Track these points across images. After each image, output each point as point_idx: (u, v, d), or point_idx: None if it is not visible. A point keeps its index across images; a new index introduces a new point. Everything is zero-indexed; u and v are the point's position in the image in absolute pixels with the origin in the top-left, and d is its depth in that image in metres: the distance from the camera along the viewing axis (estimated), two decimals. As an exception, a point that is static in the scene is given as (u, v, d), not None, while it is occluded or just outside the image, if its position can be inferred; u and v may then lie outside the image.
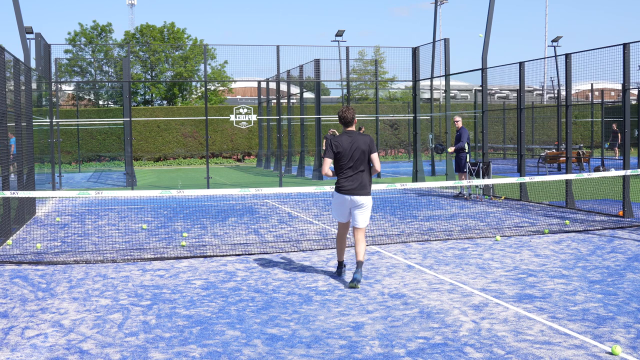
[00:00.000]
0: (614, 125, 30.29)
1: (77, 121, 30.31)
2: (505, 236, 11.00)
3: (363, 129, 25.64)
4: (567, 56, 14.38)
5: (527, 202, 15.73)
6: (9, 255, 9.89)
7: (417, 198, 17.21)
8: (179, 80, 40.39)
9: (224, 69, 41.00)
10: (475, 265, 8.75)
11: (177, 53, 42.05)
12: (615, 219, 12.68)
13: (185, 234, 11.54)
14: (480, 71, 17.41)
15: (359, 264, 7.75)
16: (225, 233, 11.78)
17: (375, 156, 7.83)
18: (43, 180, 17.86)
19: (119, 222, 13.40)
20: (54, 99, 22.26)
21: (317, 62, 23.61)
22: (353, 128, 7.92)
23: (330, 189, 10.44)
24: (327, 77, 30.50)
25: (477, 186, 16.80)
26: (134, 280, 8.19)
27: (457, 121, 17.33)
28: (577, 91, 43.36)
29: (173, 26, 42.58)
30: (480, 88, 17.97)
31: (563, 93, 28.19)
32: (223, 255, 9.66)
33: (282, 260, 9.28)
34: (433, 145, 19.87)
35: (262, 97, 32.16)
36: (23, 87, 13.75)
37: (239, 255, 9.73)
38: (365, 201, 7.81)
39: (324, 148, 23.61)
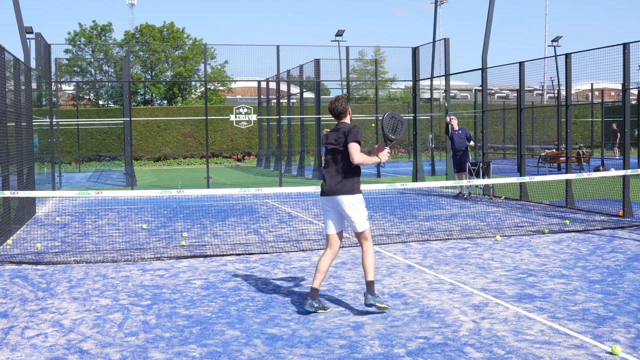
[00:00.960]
0: (613, 125, 30.28)
1: (77, 121, 30.30)
2: (505, 236, 11.00)
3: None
4: (567, 56, 14.37)
5: (527, 202, 15.73)
6: (9, 255, 9.89)
7: (417, 198, 17.21)
8: (180, 80, 40.39)
9: (224, 68, 40.99)
10: (475, 265, 8.75)
11: (176, 53, 42.03)
12: (615, 219, 12.67)
13: (185, 234, 11.54)
14: (480, 71, 17.41)
15: (369, 286, 6.45)
16: (225, 233, 11.78)
17: (351, 146, 6.38)
18: (43, 180, 17.86)
19: (119, 222, 13.40)
20: (54, 99, 22.26)
21: (317, 62, 23.61)
22: (346, 120, 6.70)
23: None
24: (327, 77, 30.49)
25: (477, 186, 16.80)
26: (134, 280, 8.19)
27: (452, 118, 17.15)
28: (577, 91, 43.36)
29: (172, 26, 42.57)
30: (480, 88, 17.97)
31: (563, 93, 28.18)
32: (223, 255, 9.67)
33: (282, 260, 9.28)
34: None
35: (262, 97, 32.16)
36: (23, 87, 13.75)
37: (239, 255, 9.73)
38: (343, 201, 6.48)
39: None
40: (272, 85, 30.29)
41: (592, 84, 32.39)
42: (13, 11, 16.32)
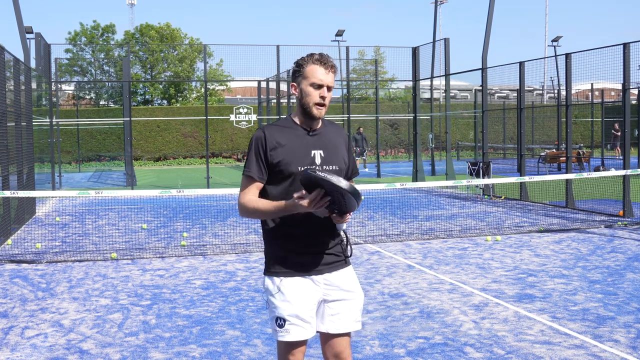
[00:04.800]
0: (615, 125, 30.24)
1: (77, 121, 30.28)
2: (505, 235, 10.99)
3: (361, 129, 26.09)
4: (567, 56, 14.37)
5: (527, 202, 15.73)
6: (9, 255, 9.89)
7: (417, 198, 17.21)
8: (179, 80, 40.37)
9: (220, 67, 40.89)
10: (475, 265, 8.75)
11: (174, 53, 41.96)
12: (615, 218, 12.67)
13: (185, 234, 11.54)
14: (480, 71, 17.41)
15: None
16: (225, 233, 11.78)
17: None
18: (43, 180, 17.85)
19: (119, 222, 13.40)
20: (54, 99, 22.26)
21: (317, 62, 23.57)
22: None
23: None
24: (327, 77, 30.31)
25: (477, 186, 16.80)
26: (134, 280, 8.19)
27: None
28: (577, 91, 43.35)
29: (169, 26, 42.49)
30: (480, 88, 17.97)
31: (563, 93, 28.18)
32: (223, 255, 9.66)
33: (282, 260, 9.26)
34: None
35: (262, 97, 32.15)
36: (23, 87, 13.75)
37: (239, 255, 9.73)
38: None
39: None
40: (272, 85, 30.28)
41: (592, 84, 32.38)
42: (13, 11, 16.32)
